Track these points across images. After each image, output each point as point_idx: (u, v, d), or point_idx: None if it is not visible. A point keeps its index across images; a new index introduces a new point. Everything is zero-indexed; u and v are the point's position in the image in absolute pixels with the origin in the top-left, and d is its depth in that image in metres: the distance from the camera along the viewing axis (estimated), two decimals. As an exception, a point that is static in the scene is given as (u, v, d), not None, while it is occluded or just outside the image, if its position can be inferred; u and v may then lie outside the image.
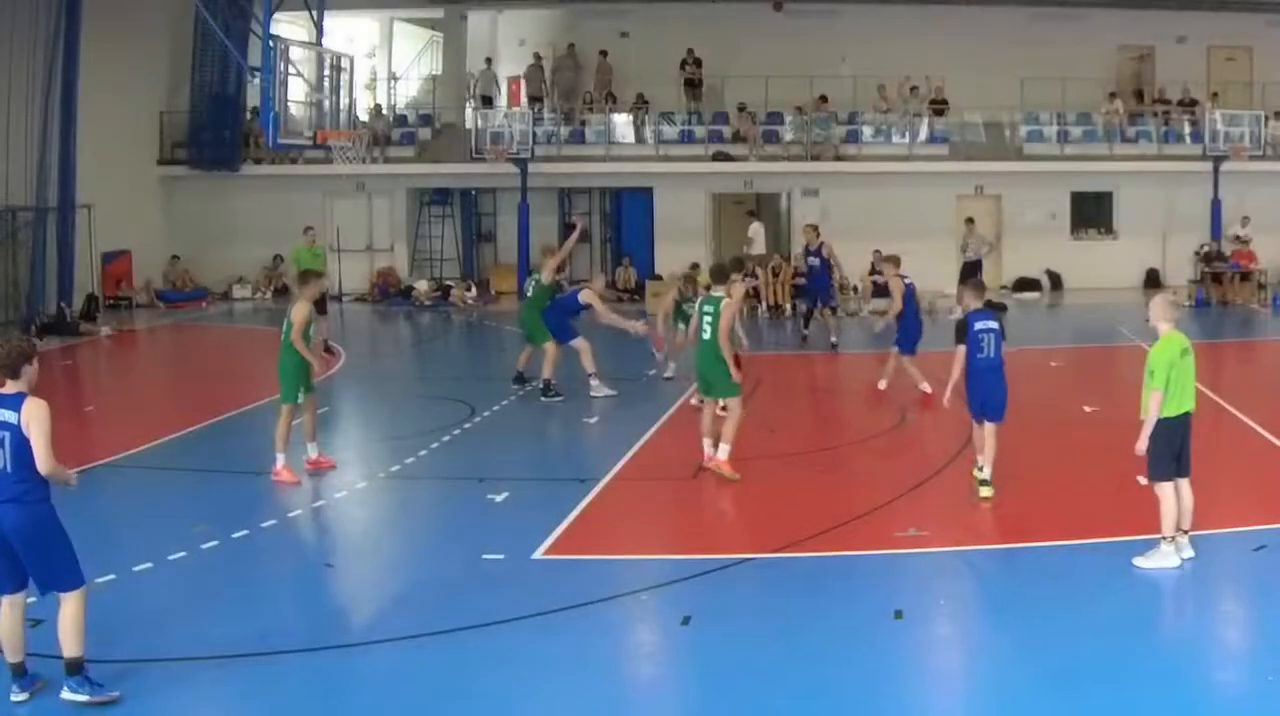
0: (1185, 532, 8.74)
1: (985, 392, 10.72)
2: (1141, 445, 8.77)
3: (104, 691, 6.76)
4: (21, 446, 6.56)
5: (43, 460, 6.55)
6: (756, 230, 27.05)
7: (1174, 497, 8.68)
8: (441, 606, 8.16)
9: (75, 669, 6.76)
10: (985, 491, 10.47)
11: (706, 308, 11.45)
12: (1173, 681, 6.83)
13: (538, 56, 29.67)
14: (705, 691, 7.01)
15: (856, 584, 8.59)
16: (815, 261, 20.70)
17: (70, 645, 6.78)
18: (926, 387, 14.80)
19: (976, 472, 10.68)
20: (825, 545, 9.33)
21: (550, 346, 15.30)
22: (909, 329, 15.43)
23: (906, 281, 15.40)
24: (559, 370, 15.36)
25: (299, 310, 11.63)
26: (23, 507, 6.58)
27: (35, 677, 6.83)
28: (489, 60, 29.77)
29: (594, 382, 15.27)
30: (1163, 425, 8.65)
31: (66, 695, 6.72)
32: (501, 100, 29.54)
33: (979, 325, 10.86)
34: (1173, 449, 8.71)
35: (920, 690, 7.00)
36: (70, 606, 6.81)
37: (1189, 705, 6.57)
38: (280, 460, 11.50)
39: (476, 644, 7.54)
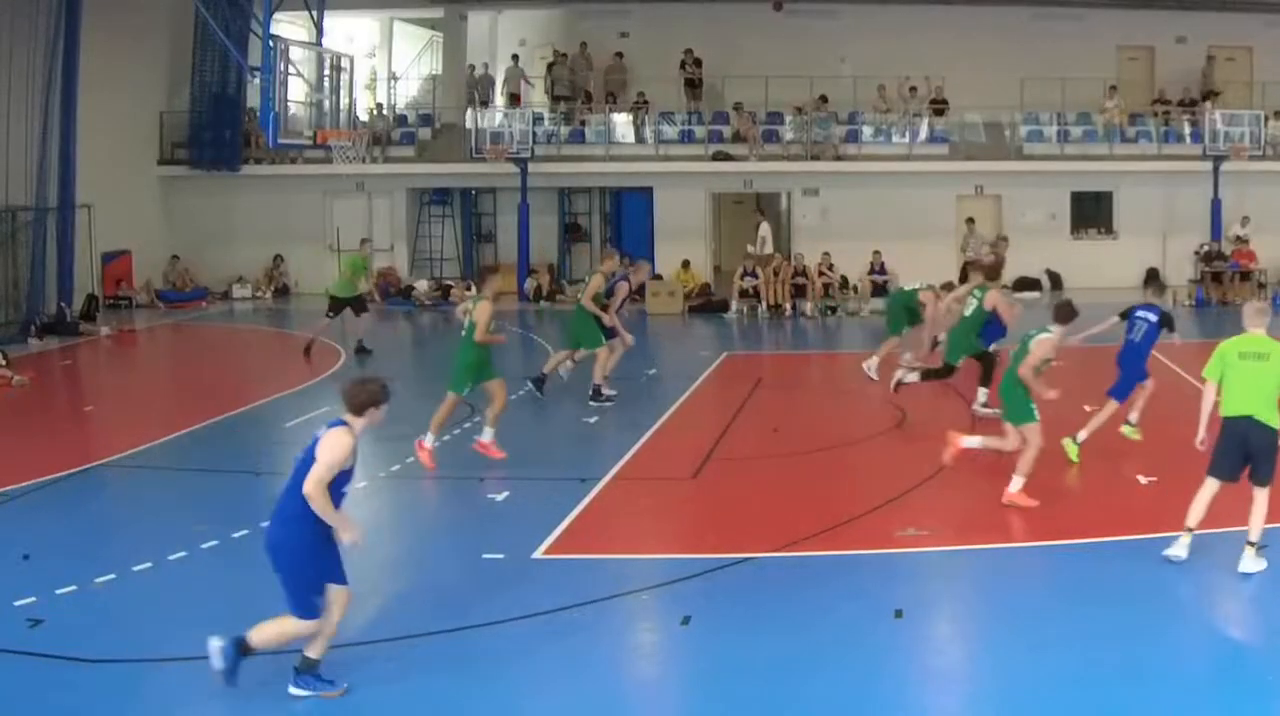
0: (1189, 531, 8.72)
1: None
2: (1197, 437, 8.86)
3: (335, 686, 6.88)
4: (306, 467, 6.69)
5: (310, 480, 6.62)
6: (766, 230, 27.08)
7: (1206, 493, 8.69)
8: (441, 606, 8.16)
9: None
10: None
11: None
12: (1173, 681, 6.83)
13: (557, 54, 29.63)
14: (705, 691, 7.01)
15: (856, 583, 8.59)
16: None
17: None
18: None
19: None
20: (825, 545, 9.34)
21: (601, 351, 15.11)
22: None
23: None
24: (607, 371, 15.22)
25: (483, 308, 12.09)
26: (278, 526, 6.79)
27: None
28: (515, 57, 29.71)
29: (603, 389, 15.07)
30: (1222, 423, 8.64)
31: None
32: (534, 94, 29.45)
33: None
34: (1225, 449, 8.67)
35: (920, 689, 7.00)
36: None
37: (1189, 705, 6.57)
38: (430, 440, 11.97)
39: (476, 644, 7.54)
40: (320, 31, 17.76)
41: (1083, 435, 11.99)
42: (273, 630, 6.86)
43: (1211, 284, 25.53)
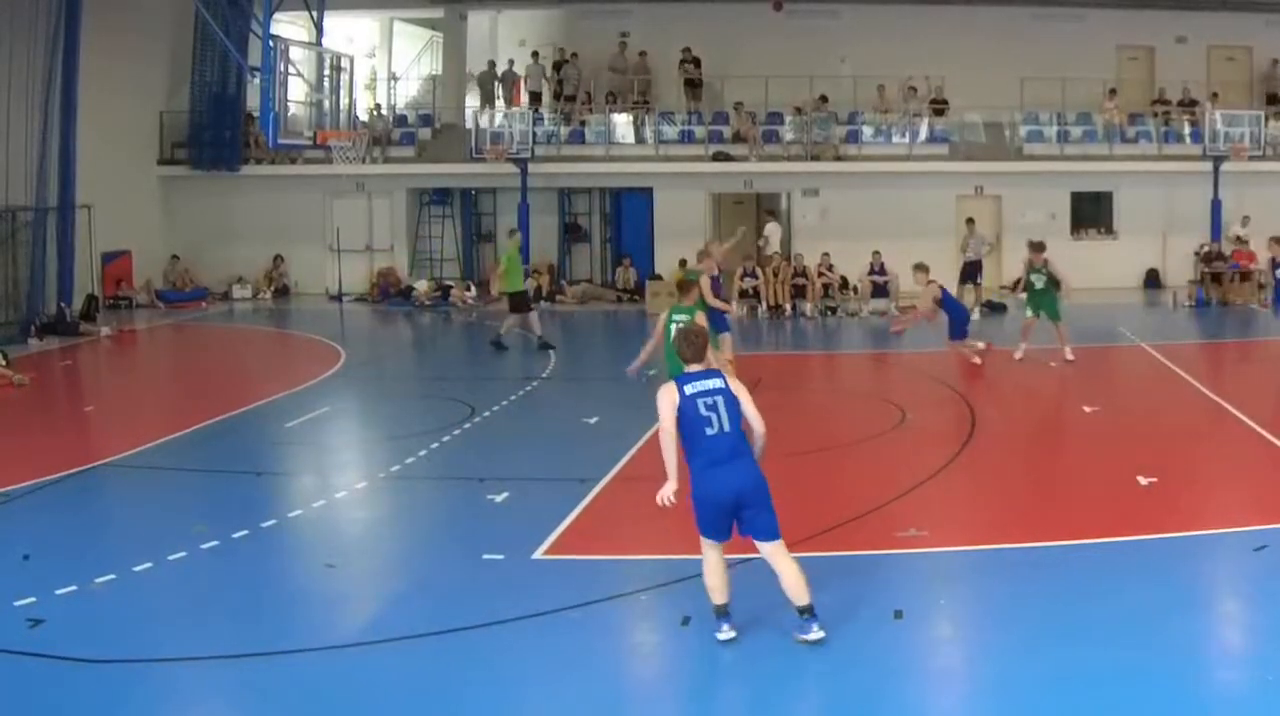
0: None
1: None
2: None
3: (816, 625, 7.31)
4: (735, 406, 7.35)
5: (758, 420, 7.50)
6: (773, 230, 27.09)
7: None
8: (441, 606, 8.16)
9: (809, 612, 7.30)
10: None
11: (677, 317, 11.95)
12: (1173, 681, 6.82)
13: (567, 54, 29.62)
14: (705, 691, 7.01)
15: (856, 584, 8.59)
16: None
17: (805, 593, 7.34)
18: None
19: None
20: (825, 545, 9.33)
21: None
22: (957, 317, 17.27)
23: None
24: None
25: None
26: (753, 463, 7.36)
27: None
28: (535, 54, 29.68)
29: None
30: None
31: (810, 635, 7.28)
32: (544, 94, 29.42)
33: None
34: None
35: (920, 690, 7.00)
36: (784, 549, 7.44)
37: (1189, 705, 6.57)
38: None
39: (476, 644, 7.54)
40: (320, 31, 17.75)
41: None
42: (793, 574, 7.37)
43: (1211, 284, 25.52)
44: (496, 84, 29.36)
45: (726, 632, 7.38)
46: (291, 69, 16.40)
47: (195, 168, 27.99)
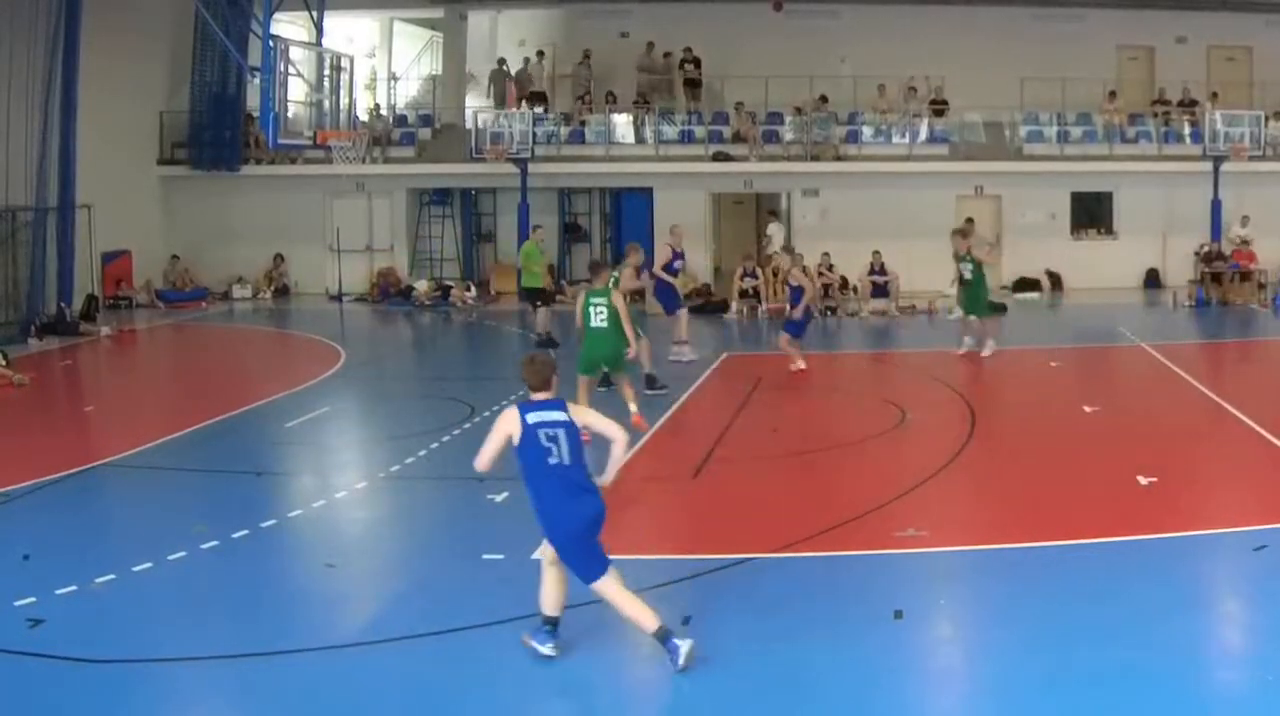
0: None
1: None
2: None
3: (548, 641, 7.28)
4: (578, 440, 7.24)
5: (618, 431, 7.40)
6: (775, 230, 27.10)
7: None
8: (441, 606, 8.16)
9: (664, 635, 7.10)
10: None
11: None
12: (1173, 681, 6.82)
13: (585, 57, 29.66)
14: (705, 691, 7.01)
15: (856, 584, 8.59)
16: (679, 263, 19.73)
17: (644, 617, 7.17)
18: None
19: None
20: (825, 545, 9.33)
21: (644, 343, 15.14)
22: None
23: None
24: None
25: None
26: (597, 494, 7.28)
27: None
28: (540, 53, 29.67)
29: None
30: None
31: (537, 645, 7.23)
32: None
33: None
34: None
35: (920, 690, 7.00)
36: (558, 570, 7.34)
37: (1190, 706, 6.57)
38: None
39: (476, 644, 7.54)
40: (320, 31, 17.75)
41: None
42: (557, 591, 7.32)
43: (1211, 284, 25.52)
44: (509, 83, 29.32)
45: (550, 648, 7.21)
46: (291, 69, 16.40)
47: (195, 168, 27.98)
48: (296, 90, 16.73)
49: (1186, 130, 27.57)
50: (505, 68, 29.36)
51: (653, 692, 7.19)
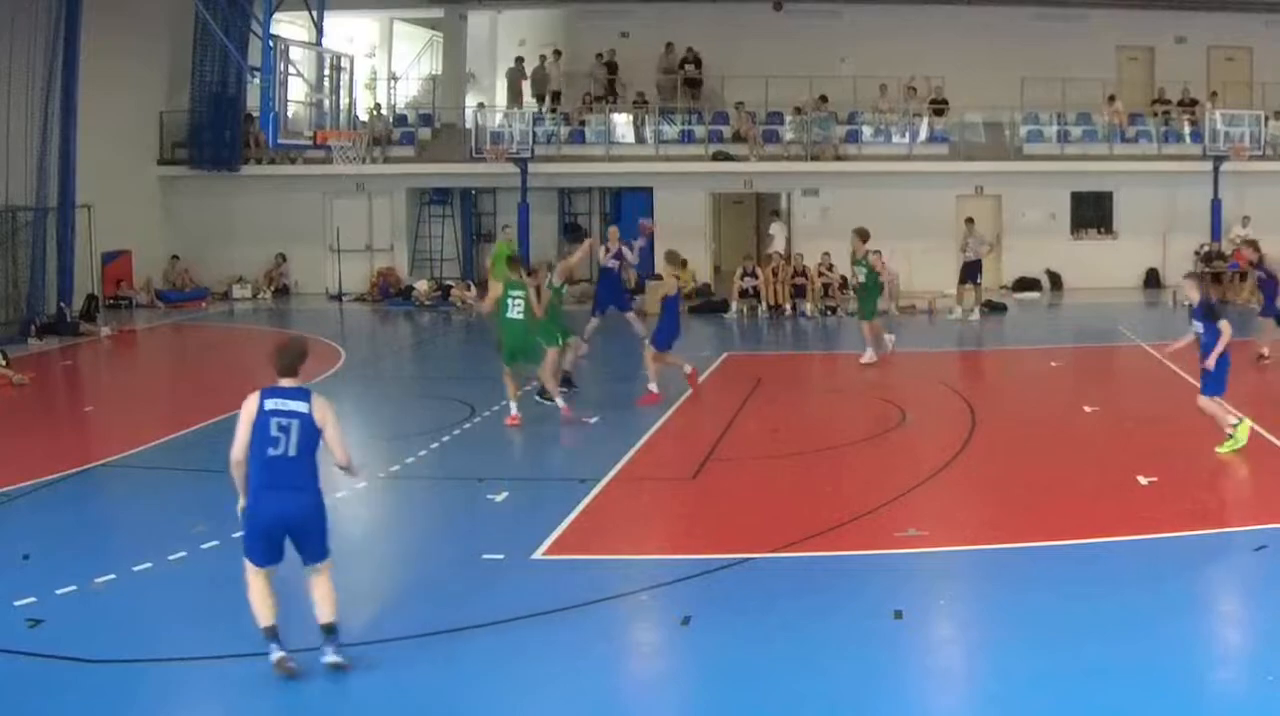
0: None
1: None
2: None
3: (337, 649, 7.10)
4: (311, 435, 6.97)
5: (341, 451, 7.14)
6: (778, 229, 27.11)
7: None
8: (441, 606, 8.16)
9: (332, 631, 7.08)
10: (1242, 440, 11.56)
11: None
12: (1174, 681, 6.82)
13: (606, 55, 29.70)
14: (705, 691, 7.01)
15: (856, 584, 8.59)
16: (615, 263, 18.94)
17: (333, 611, 7.12)
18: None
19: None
20: (825, 545, 9.33)
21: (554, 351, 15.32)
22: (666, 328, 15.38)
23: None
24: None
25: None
26: (307, 495, 7.03)
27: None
28: (557, 52, 29.64)
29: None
30: None
31: (330, 658, 7.01)
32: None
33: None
34: None
35: (920, 690, 7.00)
36: (327, 572, 7.20)
37: (1189, 705, 6.57)
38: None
39: (476, 644, 7.54)
40: (320, 31, 17.75)
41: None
42: (327, 593, 7.13)
43: (1211, 284, 25.45)
44: (524, 82, 29.31)
45: (276, 653, 6.98)
46: (291, 69, 16.41)
47: (195, 168, 27.99)
48: (296, 90, 16.74)
49: (1186, 130, 27.57)
50: (522, 66, 29.33)
51: (653, 692, 7.19)
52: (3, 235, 22.28)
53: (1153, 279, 27.68)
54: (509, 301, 13.47)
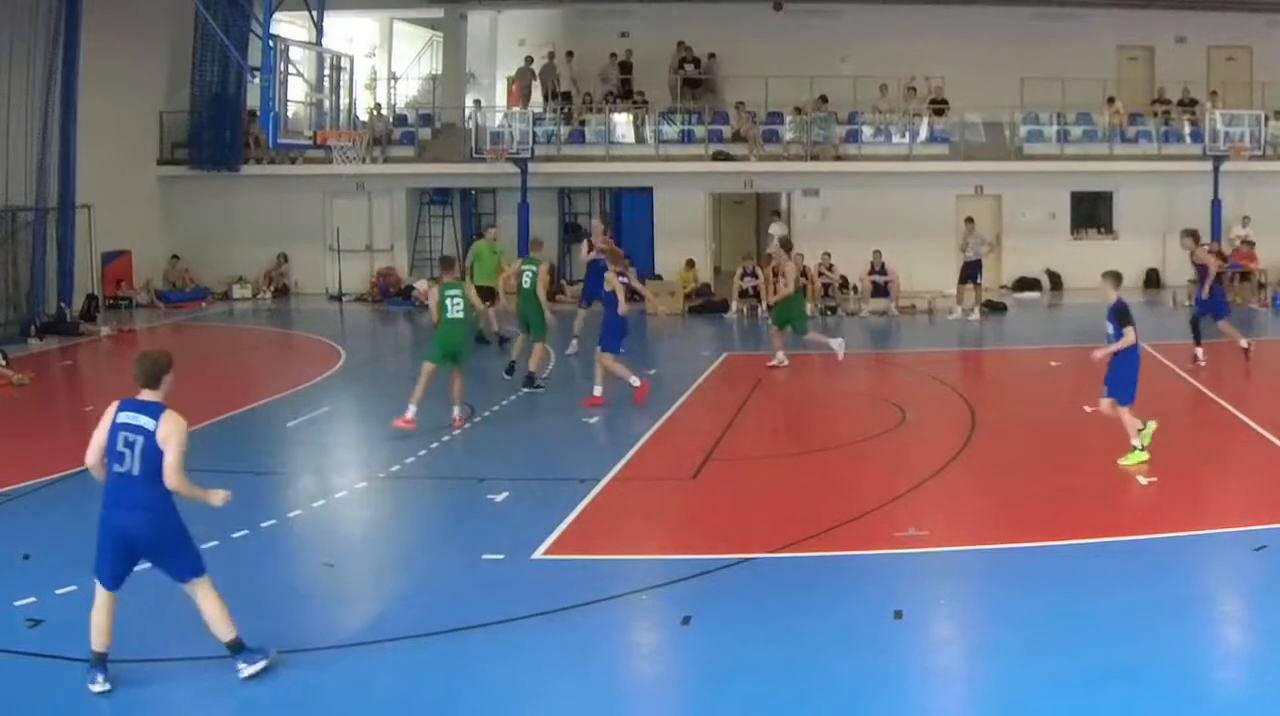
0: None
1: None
2: None
3: (267, 653, 7.02)
4: (154, 455, 6.73)
5: (172, 477, 6.79)
6: (778, 229, 27.14)
7: None
8: (441, 606, 8.16)
9: (239, 647, 6.95)
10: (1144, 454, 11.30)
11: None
12: (1173, 681, 6.83)
13: (568, 56, 29.63)
14: (705, 691, 7.01)
15: (856, 584, 8.59)
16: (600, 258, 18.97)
17: (227, 628, 6.96)
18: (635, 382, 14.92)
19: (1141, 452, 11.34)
20: (825, 545, 9.33)
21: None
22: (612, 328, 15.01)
23: (622, 280, 15.10)
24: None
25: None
26: (149, 514, 6.83)
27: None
28: (569, 53, 29.62)
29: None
30: None
31: (246, 671, 6.92)
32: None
33: None
34: None
35: (920, 690, 7.00)
36: (205, 590, 7.04)
37: (1190, 705, 6.57)
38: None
39: (476, 644, 7.54)
40: (320, 31, 17.73)
41: None
42: (215, 611, 6.97)
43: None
44: (534, 82, 29.29)
45: (100, 685, 6.76)
46: (291, 69, 16.39)
47: (195, 168, 27.97)
48: (296, 90, 16.71)
49: (1186, 130, 27.56)
50: (531, 66, 29.32)
51: (653, 692, 7.20)
52: (3, 235, 22.28)
53: (1153, 279, 27.69)
54: (447, 302, 13.42)
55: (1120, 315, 11.52)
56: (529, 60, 29.44)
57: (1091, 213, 28.36)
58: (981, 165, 27.12)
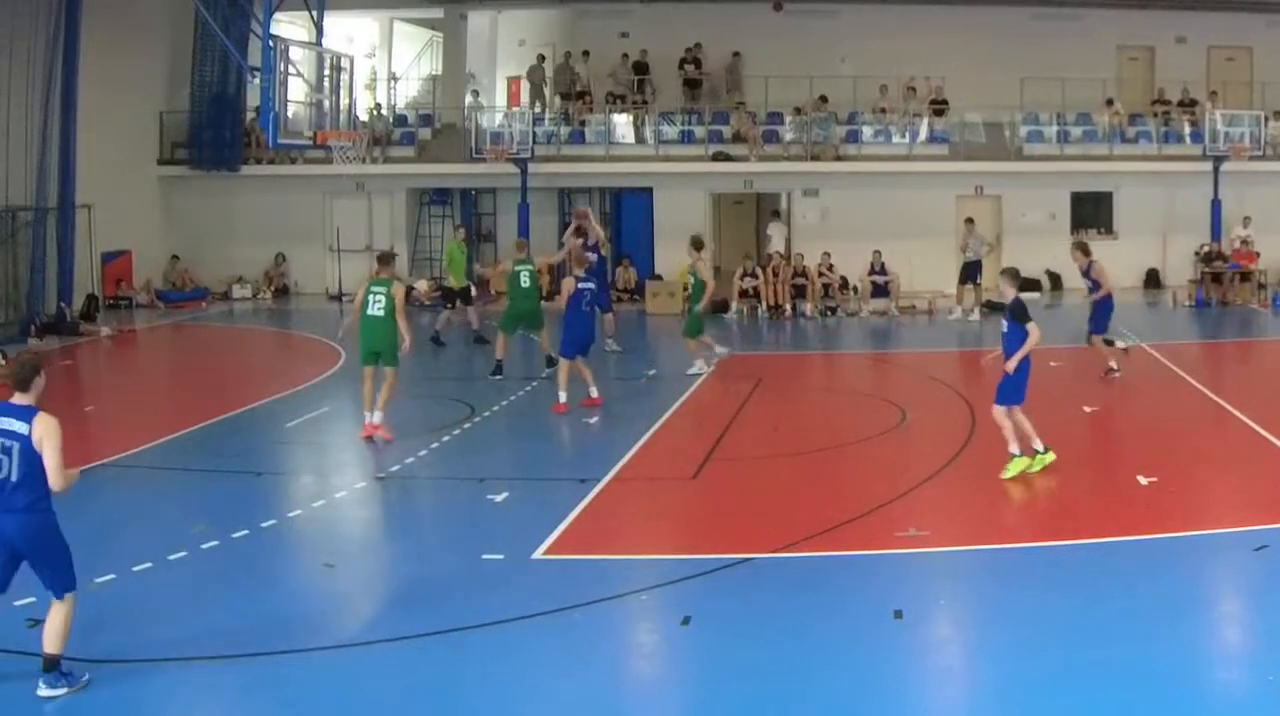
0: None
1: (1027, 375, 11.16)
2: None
3: (77, 680, 6.87)
4: (31, 458, 6.65)
5: (56, 478, 6.68)
6: (776, 229, 27.14)
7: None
8: (441, 606, 8.16)
9: (53, 665, 6.83)
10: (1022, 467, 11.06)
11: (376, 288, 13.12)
12: (1174, 681, 6.82)
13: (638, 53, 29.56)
14: (705, 691, 7.01)
15: (856, 584, 8.59)
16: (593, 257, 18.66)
17: (56, 644, 6.84)
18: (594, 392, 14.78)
19: (1030, 458, 11.15)
20: (825, 545, 9.33)
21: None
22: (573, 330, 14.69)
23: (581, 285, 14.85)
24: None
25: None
26: (30, 517, 6.71)
27: None
28: (586, 53, 29.57)
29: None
30: None
31: (44, 691, 6.78)
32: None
33: None
34: None
35: (920, 690, 7.00)
36: (64, 608, 6.90)
37: (1190, 705, 6.57)
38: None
39: (476, 644, 7.54)
40: (320, 31, 17.73)
41: None
42: (58, 626, 6.87)
43: (1211, 284, 25.51)
44: (544, 82, 29.28)
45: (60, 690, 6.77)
46: (291, 69, 16.39)
47: (195, 168, 27.98)
48: (296, 90, 16.72)
49: (1186, 130, 27.55)
50: (543, 64, 29.29)
51: (653, 693, 7.20)
52: (3, 235, 22.29)
53: (1153, 279, 27.68)
54: (369, 299, 13.08)
55: (1019, 312, 11.09)
56: (541, 59, 29.34)
57: (1091, 213, 28.33)
58: (981, 165, 27.11)
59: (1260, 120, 25.77)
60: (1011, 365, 10.99)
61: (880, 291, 24.80)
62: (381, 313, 13.02)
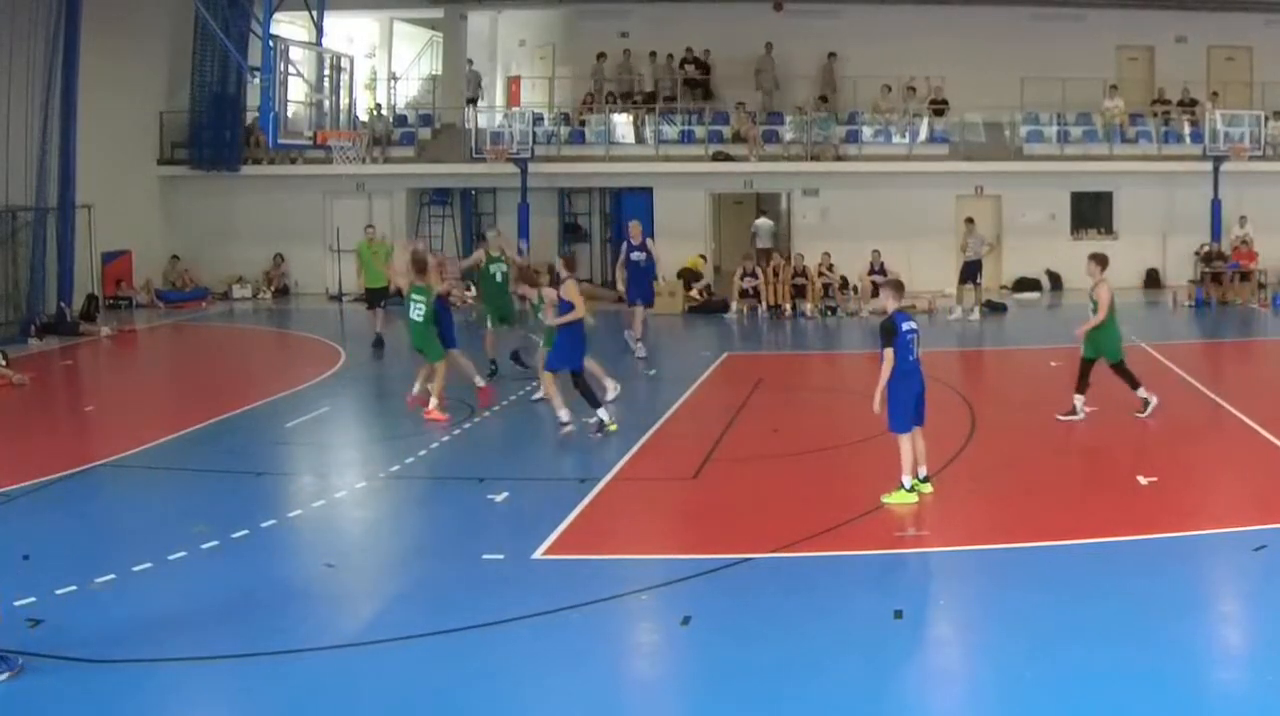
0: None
1: (917, 397, 10.50)
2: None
3: (9, 669, 6.88)
4: None
5: None
6: (759, 225, 27.12)
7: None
8: (441, 606, 8.16)
9: None
10: (912, 496, 10.37)
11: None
12: (1173, 681, 6.83)
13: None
14: (705, 691, 7.01)
15: (856, 584, 8.60)
16: (640, 255, 19.55)
17: None
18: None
19: (917, 483, 10.46)
20: (825, 545, 9.34)
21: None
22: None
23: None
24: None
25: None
26: None
27: None
28: (653, 54, 29.45)
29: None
30: None
31: None
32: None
33: (905, 326, 10.38)
34: None
35: (920, 690, 7.00)
36: None
37: (1189, 705, 6.57)
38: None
39: (476, 644, 7.54)
40: (320, 31, 17.72)
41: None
42: None
43: (1211, 284, 25.51)
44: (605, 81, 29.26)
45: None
46: (291, 69, 16.38)
47: (195, 168, 27.98)
48: (296, 90, 16.71)
49: (1186, 130, 27.54)
50: (602, 64, 29.22)
51: (653, 693, 7.20)
52: (3, 235, 22.29)
53: (1153, 279, 27.68)
54: (411, 304, 14.32)
55: (884, 332, 10.28)
56: (601, 57, 29.14)
57: (1091, 213, 28.34)
58: (981, 165, 27.11)
59: (1260, 120, 25.76)
60: (875, 404, 10.39)
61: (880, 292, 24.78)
62: (421, 318, 14.29)
